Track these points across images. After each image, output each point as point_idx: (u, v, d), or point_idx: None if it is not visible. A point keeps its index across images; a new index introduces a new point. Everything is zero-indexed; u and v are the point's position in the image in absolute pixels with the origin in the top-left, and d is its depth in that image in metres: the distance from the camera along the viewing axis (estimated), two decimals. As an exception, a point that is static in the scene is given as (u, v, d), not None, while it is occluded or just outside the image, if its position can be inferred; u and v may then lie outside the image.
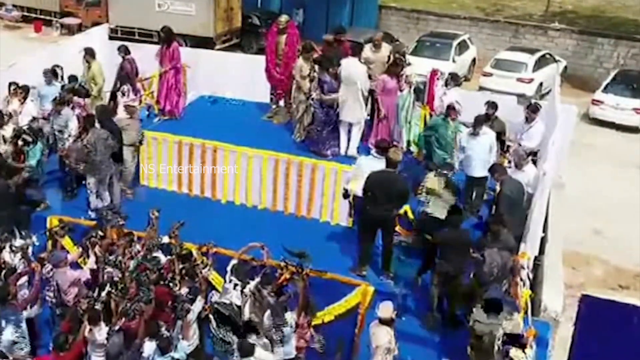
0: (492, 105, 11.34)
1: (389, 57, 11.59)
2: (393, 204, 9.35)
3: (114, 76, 12.99)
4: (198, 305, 8.58)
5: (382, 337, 7.99)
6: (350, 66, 11.26)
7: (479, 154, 10.56)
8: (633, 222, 15.14)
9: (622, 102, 20.74)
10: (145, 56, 13.25)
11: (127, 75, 12.63)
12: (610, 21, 27.78)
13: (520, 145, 11.07)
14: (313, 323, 8.51)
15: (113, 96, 12.63)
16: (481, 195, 10.96)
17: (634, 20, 27.60)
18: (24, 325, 8.57)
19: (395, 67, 11.33)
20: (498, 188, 9.86)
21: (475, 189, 10.87)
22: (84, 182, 11.03)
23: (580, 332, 5.72)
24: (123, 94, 12.25)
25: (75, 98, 11.78)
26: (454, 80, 11.81)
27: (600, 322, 5.47)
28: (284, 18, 12.31)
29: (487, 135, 10.74)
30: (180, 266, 9.09)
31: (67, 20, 26.95)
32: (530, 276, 8.97)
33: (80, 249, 9.44)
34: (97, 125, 10.58)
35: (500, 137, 11.17)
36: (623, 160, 18.65)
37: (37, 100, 12.54)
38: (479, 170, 10.53)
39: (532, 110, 11.37)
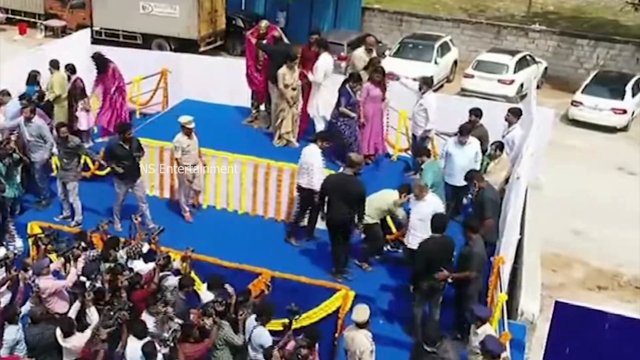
0: (476, 112, 11.24)
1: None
2: (350, 208, 9.41)
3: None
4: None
5: (364, 341, 7.99)
6: (331, 62, 11.58)
7: (462, 163, 10.47)
8: (613, 222, 15.32)
9: (600, 102, 20.90)
10: (129, 61, 13.35)
11: (80, 91, 12.52)
12: (591, 22, 28.05)
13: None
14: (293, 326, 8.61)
15: (71, 111, 12.57)
16: (461, 203, 11.05)
17: (613, 21, 27.88)
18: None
19: (376, 74, 11.42)
20: (475, 194, 9.81)
21: (456, 198, 10.89)
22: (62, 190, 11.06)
23: (552, 337, 5.84)
24: (87, 110, 12.37)
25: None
26: (426, 84, 11.61)
27: (573, 328, 5.59)
28: (264, 23, 12.37)
29: (472, 144, 10.65)
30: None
31: (52, 22, 26.87)
32: (507, 279, 9.10)
33: (63, 260, 9.43)
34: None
35: (482, 143, 11.01)
36: (602, 161, 18.83)
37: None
38: (461, 179, 10.34)
39: (515, 114, 11.34)
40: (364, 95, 11.36)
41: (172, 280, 9.13)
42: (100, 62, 12.20)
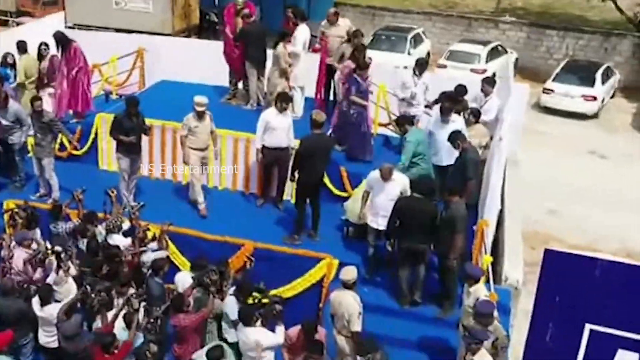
0: (461, 91, 11.26)
1: (348, 33, 11.71)
2: (326, 166, 9.63)
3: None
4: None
5: (352, 303, 7.84)
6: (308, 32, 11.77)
7: (446, 142, 10.13)
8: (587, 203, 15.61)
9: (571, 90, 21.30)
10: (101, 44, 13.19)
11: (53, 70, 12.29)
12: (558, 17, 28.47)
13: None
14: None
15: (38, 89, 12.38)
16: (446, 181, 11.03)
17: (579, 16, 28.33)
18: None
19: (358, 53, 11.37)
20: (458, 155, 9.80)
21: (441, 177, 10.65)
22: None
23: (542, 287, 5.81)
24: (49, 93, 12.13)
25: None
26: (424, 64, 11.78)
27: (563, 275, 5.56)
28: (240, -1, 12.35)
29: (456, 123, 10.48)
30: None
31: (24, 20, 26.44)
32: (490, 244, 9.13)
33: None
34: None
35: (463, 114, 10.98)
36: (574, 146, 19.17)
37: None
38: (445, 159, 10.33)
39: (489, 83, 11.51)
40: (345, 72, 11.26)
41: (151, 256, 9.03)
42: (62, 41, 11.91)
